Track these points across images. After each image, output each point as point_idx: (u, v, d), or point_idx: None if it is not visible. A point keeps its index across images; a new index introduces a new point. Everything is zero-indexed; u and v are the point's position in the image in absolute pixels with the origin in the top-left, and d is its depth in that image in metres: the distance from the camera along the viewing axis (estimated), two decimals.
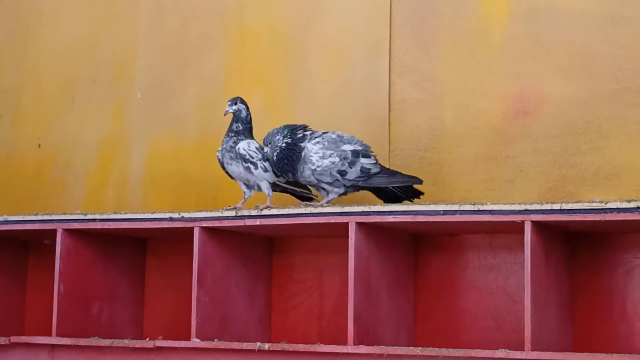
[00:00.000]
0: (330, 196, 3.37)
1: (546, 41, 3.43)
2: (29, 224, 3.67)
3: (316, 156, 3.33)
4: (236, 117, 3.48)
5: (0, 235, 3.82)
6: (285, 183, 3.49)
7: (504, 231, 3.31)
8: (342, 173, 3.33)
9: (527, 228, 2.97)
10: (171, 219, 3.44)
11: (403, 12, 3.65)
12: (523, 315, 2.96)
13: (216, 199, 3.78)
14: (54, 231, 3.59)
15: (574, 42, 3.39)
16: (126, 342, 3.46)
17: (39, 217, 3.65)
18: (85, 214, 3.59)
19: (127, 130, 4.04)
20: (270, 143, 3.37)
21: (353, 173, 3.34)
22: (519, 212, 2.99)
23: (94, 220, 3.56)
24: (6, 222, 3.72)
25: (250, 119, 3.50)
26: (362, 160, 3.35)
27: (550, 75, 3.41)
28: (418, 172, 3.52)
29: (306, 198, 3.54)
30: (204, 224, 3.39)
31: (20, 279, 4.06)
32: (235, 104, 3.48)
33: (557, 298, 3.12)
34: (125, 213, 3.56)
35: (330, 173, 3.33)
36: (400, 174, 3.37)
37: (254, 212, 3.33)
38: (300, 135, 3.37)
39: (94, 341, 3.51)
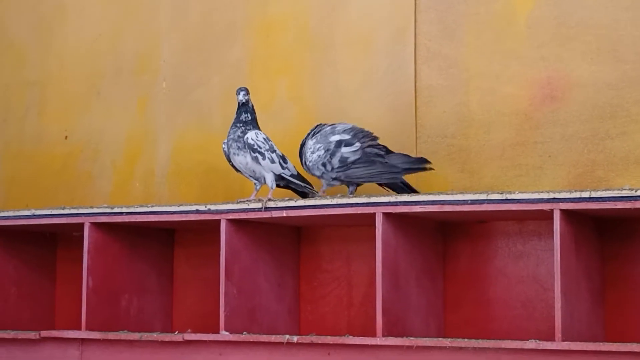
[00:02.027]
0: (324, 187, 3.41)
1: (573, 25, 3.38)
2: (56, 218, 3.68)
3: (309, 151, 3.40)
4: (245, 107, 3.48)
5: (28, 229, 3.84)
6: (290, 176, 3.47)
7: (533, 218, 3.28)
8: (326, 165, 3.36)
9: (556, 217, 2.94)
10: (198, 212, 3.44)
11: None
12: (553, 302, 2.94)
13: (243, 188, 3.77)
14: (81, 225, 3.60)
15: (600, 26, 3.34)
16: (155, 336, 3.46)
17: (67, 211, 3.65)
18: (112, 207, 3.59)
19: (153, 122, 4.03)
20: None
21: (334, 164, 3.34)
22: (548, 200, 2.96)
23: (121, 213, 3.56)
24: (34, 216, 3.72)
25: (254, 110, 3.50)
26: (343, 149, 3.35)
27: (578, 59, 3.37)
28: (446, 158, 3.50)
29: (306, 194, 3.53)
30: (231, 216, 3.39)
31: (49, 271, 4.07)
32: (248, 93, 3.48)
33: (588, 286, 3.09)
34: (152, 206, 3.56)
35: (317, 167, 3.38)
36: (381, 163, 3.34)
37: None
38: (314, 130, 3.43)
39: (123, 335, 3.51)
